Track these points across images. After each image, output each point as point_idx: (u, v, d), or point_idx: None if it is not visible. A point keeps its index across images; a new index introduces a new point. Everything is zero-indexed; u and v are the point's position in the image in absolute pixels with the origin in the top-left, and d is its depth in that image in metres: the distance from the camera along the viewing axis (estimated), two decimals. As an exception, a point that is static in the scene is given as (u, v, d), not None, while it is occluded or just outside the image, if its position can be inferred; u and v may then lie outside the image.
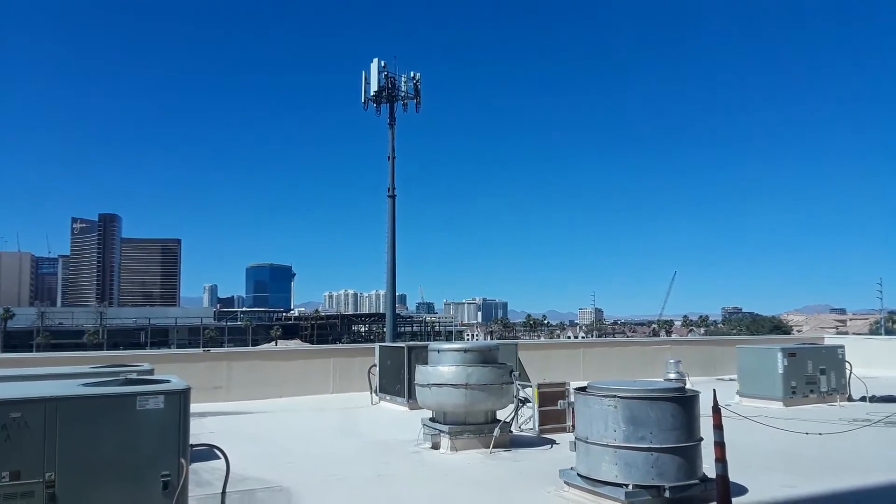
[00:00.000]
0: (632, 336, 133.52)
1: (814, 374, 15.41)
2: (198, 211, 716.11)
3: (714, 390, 7.49)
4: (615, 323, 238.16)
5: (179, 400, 5.30)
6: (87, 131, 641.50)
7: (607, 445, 7.00)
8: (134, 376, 6.62)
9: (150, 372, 8.66)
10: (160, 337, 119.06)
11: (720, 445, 6.92)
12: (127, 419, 5.11)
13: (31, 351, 79.63)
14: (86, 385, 5.58)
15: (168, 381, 5.64)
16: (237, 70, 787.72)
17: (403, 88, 45.94)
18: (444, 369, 10.40)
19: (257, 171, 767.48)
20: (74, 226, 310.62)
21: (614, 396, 7.03)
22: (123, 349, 79.32)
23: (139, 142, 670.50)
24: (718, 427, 7.04)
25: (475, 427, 10.48)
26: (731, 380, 18.28)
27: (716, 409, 7.18)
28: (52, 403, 4.95)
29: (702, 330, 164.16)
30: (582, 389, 7.58)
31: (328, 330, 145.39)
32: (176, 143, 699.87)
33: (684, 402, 7.11)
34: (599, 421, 7.10)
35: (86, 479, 4.99)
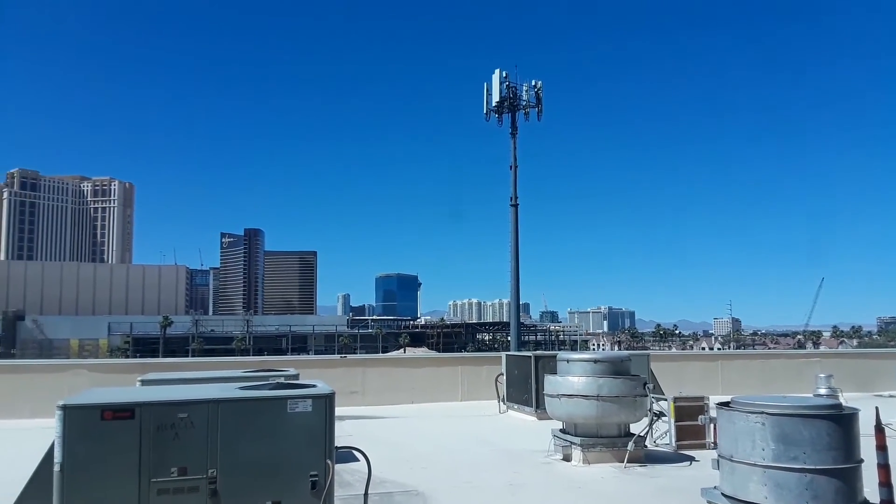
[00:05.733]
0: (774, 348, 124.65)
1: None
2: (331, 224, 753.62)
3: (877, 408, 6.87)
4: (755, 333, 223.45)
5: (325, 404, 5.61)
6: (235, 152, 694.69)
7: (755, 465, 6.58)
8: (282, 380, 7.08)
9: (296, 377, 9.18)
10: (299, 343, 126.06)
11: (885, 468, 6.35)
12: (279, 421, 5.47)
13: (187, 356, 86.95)
14: (242, 388, 6.04)
15: (314, 386, 5.98)
16: (365, 85, 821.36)
17: (525, 97, 45.89)
18: (574, 380, 10.25)
19: (384, 182, 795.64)
20: (223, 240, 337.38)
21: (762, 413, 6.60)
22: (267, 354, 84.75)
23: (279, 161, 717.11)
24: (882, 448, 6.46)
25: (608, 440, 10.24)
26: (890, 396, 16.60)
27: (879, 429, 6.58)
28: (213, 405, 5.39)
29: (854, 342, 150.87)
30: (725, 404, 7.19)
31: (453, 338, 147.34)
32: (309, 160, 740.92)
33: (842, 420, 6.55)
34: (746, 438, 6.69)
35: (243, 476, 5.37)
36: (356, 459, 8.18)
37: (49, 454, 5.29)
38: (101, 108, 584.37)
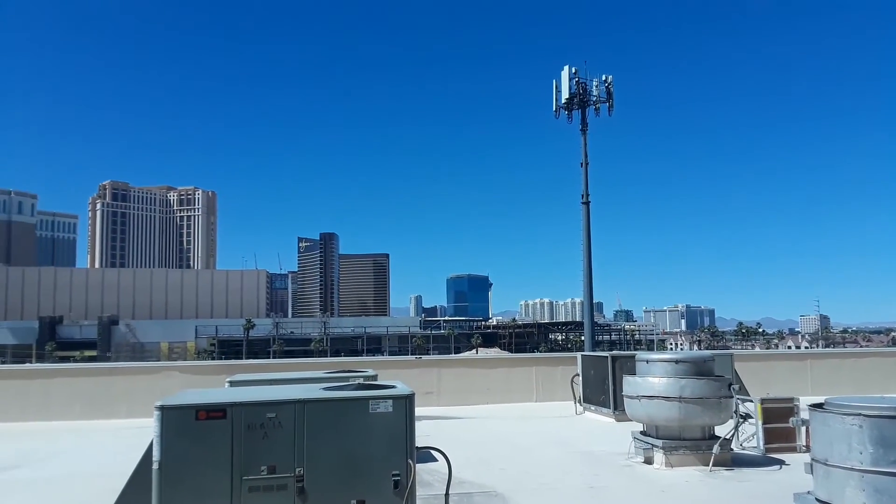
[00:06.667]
0: (866, 346, 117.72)
1: None
2: (402, 227, 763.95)
3: None
4: (845, 331, 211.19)
5: (405, 404, 5.71)
6: (310, 159, 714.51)
7: (852, 469, 6.25)
8: (362, 381, 7.24)
9: (375, 377, 9.38)
10: (374, 344, 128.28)
11: None
12: (361, 421, 5.61)
13: (268, 357, 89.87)
14: (326, 389, 6.21)
15: (394, 387, 6.09)
16: (434, 87, 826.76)
17: (595, 93, 44.98)
18: (654, 381, 10.01)
19: (453, 184, 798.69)
20: (300, 245, 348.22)
21: (859, 415, 6.27)
22: (344, 355, 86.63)
23: (352, 167, 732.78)
24: None
25: (691, 443, 9.94)
26: None
27: None
28: (300, 405, 5.58)
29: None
30: (819, 406, 6.86)
31: (525, 338, 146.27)
32: (380, 165, 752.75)
33: (948, 423, 6.13)
34: (841, 442, 6.37)
35: (328, 475, 5.53)
36: (434, 460, 8.27)
37: (148, 452, 5.60)
38: (183, 120, 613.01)
